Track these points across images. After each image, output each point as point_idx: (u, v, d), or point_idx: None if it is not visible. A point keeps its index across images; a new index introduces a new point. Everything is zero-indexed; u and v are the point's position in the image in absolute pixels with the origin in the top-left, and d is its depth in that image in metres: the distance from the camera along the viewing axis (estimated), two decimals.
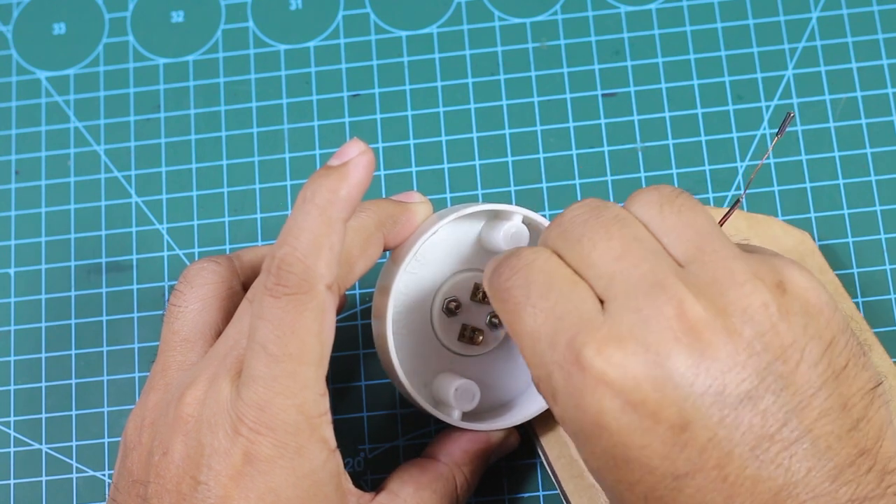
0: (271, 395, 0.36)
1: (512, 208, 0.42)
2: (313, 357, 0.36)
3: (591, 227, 0.36)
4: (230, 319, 0.41)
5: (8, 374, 0.49)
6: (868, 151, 0.50)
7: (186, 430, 0.37)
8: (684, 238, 0.35)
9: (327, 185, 0.36)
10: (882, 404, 0.34)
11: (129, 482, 0.39)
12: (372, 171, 0.37)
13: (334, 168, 0.37)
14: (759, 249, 0.36)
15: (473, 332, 0.43)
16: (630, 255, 0.35)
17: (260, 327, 0.36)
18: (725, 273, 0.34)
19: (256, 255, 0.43)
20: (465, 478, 0.42)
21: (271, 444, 0.36)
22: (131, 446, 0.39)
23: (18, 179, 0.52)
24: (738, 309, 0.33)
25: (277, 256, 0.36)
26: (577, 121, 0.51)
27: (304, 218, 0.36)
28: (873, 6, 0.52)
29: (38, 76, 0.53)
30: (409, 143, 0.51)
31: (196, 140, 0.52)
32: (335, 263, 0.37)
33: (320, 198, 0.36)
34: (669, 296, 0.33)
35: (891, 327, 0.47)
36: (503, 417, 0.43)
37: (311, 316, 0.36)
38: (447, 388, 0.42)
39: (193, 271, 0.42)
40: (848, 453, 0.33)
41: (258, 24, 0.53)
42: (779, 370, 0.33)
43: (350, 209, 0.37)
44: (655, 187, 0.37)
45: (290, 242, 0.36)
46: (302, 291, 0.36)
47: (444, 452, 0.42)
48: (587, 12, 0.52)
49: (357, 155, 0.37)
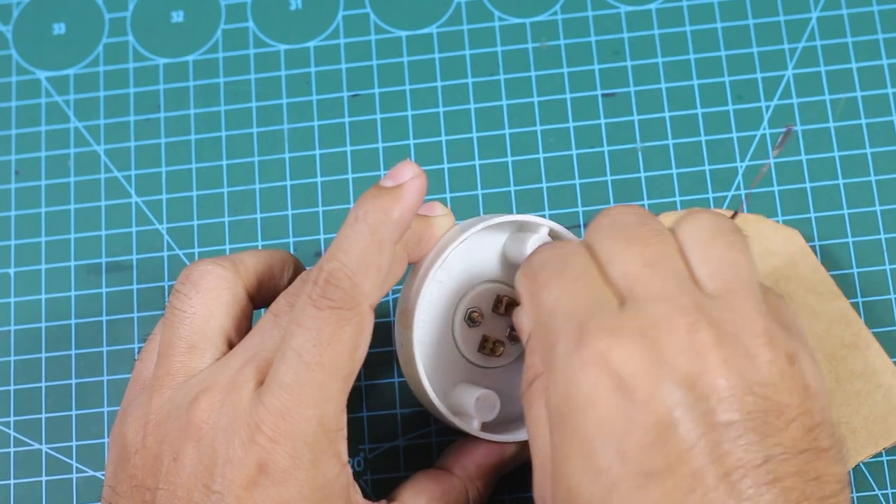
0: (295, 404, 0.36)
1: (539, 220, 0.41)
2: (344, 372, 0.37)
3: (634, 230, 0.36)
4: (237, 326, 0.41)
5: (8, 374, 0.49)
6: (868, 151, 0.50)
7: (199, 436, 0.37)
8: (721, 275, 0.35)
9: (381, 205, 0.37)
10: (845, 501, 0.34)
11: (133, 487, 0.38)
12: (424, 195, 0.38)
13: (388, 189, 0.37)
14: (790, 312, 0.36)
15: (494, 343, 0.43)
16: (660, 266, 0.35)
17: (298, 334, 0.36)
18: (746, 320, 0.34)
19: (260, 261, 0.42)
20: (479, 491, 0.42)
21: (287, 454, 0.36)
22: (133, 449, 0.38)
23: (18, 179, 0.52)
24: (747, 354, 0.34)
25: (326, 270, 0.36)
26: (577, 121, 0.51)
27: (354, 235, 0.37)
28: (873, 6, 0.52)
29: (38, 76, 0.53)
30: (408, 143, 0.51)
31: (196, 140, 0.52)
32: (381, 285, 0.37)
33: (373, 218, 0.37)
34: (686, 312, 0.34)
35: (891, 327, 0.47)
36: (520, 431, 0.42)
37: (351, 332, 0.36)
38: (468, 397, 0.41)
39: (198, 274, 0.41)
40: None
41: (258, 24, 0.53)
42: (771, 421, 0.33)
43: (401, 232, 0.37)
44: (714, 213, 0.37)
45: (340, 258, 0.36)
46: (346, 307, 0.36)
47: (458, 465, 0.42)
48: (587, 12, 0.52)
49: (411, 178, 0.38)
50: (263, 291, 0.42)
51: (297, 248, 0.50)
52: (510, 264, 0.43)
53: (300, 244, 0.50)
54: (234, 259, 0.42)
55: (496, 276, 0.43)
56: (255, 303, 0.42)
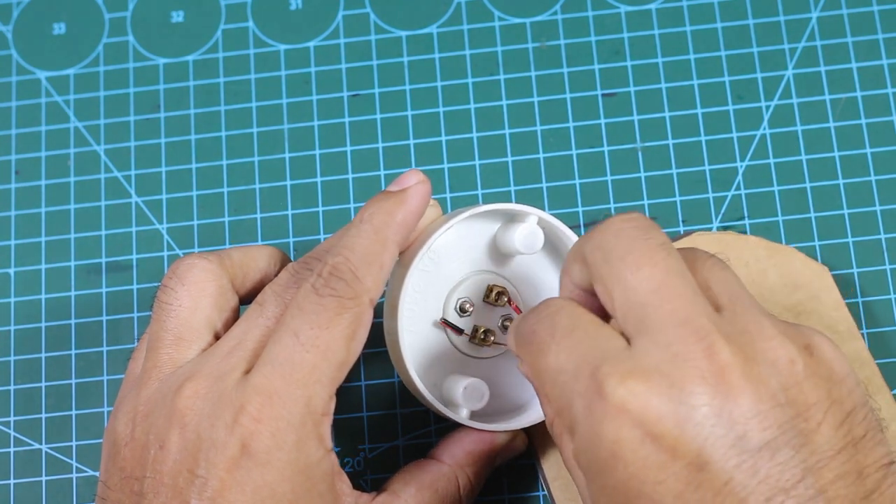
0: (285, 383, 0.36)
1: (527, 209, 0.41)
2: (337, 358, 0.37)
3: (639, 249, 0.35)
4: (223, 318, 0.41)
5: (8, 374, 0.49)
6: (868, 151, 0.50)
7: (184, 422, 0.37)
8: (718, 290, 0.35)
9: (385, 208, 0.39)
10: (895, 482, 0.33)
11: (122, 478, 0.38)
12: (428, 201, 0.40)
13: (393, 193, 0.39)
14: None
15: (485, 333, 0.43)
16: (669, 288, 0.34)
17: (296, 315, 0.37)
18: (756, 326, 0.34)
19: (245, 254, 0.43)
20: (469, 479, 0.42)
21: (270, 433, 0.36)
22: (123, 442, 0.39)
23: (18, 179, 0.52)
24: (767, 360, 0.33)
25: (330, 263, 0.38)
26: (577, 121, 0.51)
27: (359, 235, 0.38)
28: (873, 6, 0.52)
29: (38, 76, 0.53)
30: (408, 143, 0.51)
31: (196, 140, 0.52)
32: (381, 283, 0.38)
33: (378, 220, 0.38)
34: (700, 336, 0.33)
35: (891, 327, 0.47)
36: (511, 420, 0.43)
37: (349, 320, 0.37)
38: (456, 386, 0.42)
39: (184, 267, 0.41)
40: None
41: (258, 24, 0.53)
42: (800, 427, 0.32)
43: (404, 234, 0.39)
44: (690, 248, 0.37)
45: (344, 254, 0.38)
46: (347, 297, 0.37)
47: (447, 454, 0.42)
48: (587, 12, 0.52)
49: (416, 184, 0.39)
50: (250, 285, 0.43)
51: (297, 248, 0.50)
52: (501, 254, 0.43)
53: (300, 244, 0.50)
54: (220, 253, 0.42)
55: (487, 267, 0.43)
56: (241, 296, 0.43)
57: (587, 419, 0.34)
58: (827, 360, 0.34)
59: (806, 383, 0.33)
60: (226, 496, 0.36)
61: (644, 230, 0.35)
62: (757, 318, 0.34)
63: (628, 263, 0.35)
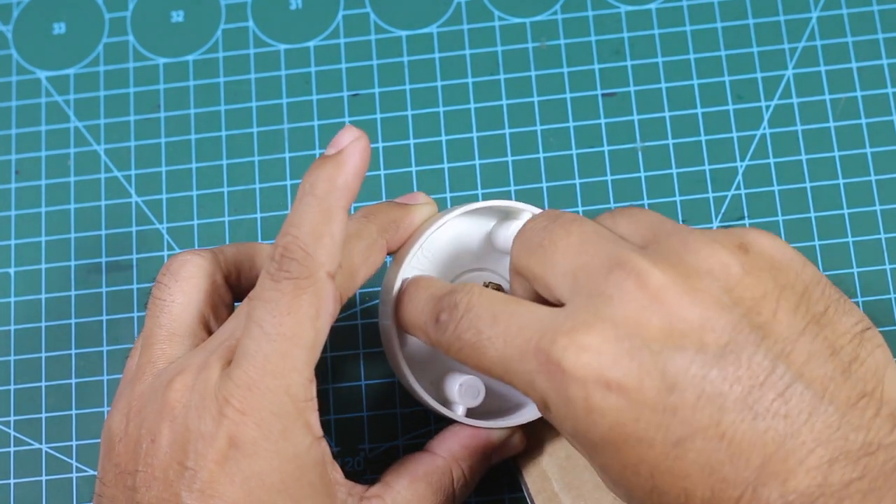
0: (260, 375, 0.36)
1: (521, 206, 0.42)
2: (306, 340, 0.37)
3: (550, 231, 0.37)
4: (216, 313, 0.41)
5: (8, 373, 0.49)
6: (868, 151, 0.50)
7: (174, 416, 0.37)
8: (639, 232, 0.36)
9: (324, 174, 0.37)
10: (875, 347, 0.34)
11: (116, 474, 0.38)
12: (368, 156, 0.38)
13: (330, 157, 0.37)
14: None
15: None
16: (589, 245, 0.35)
17: (258, 307, 0.37)
18: (681, 244, 0.35)
19: (239, 250, 0.43)
20: (463, 473, 0.42)
21: (256, 424, 0.36)
22: (117, 438, 0.39)
23: (18, 179, 0.52)
24: (700, 270, 0.34)
25: (280, 245, 0.37)
26: (577, 120, 0.51)
27: (304, 209, 0.37)
28: (873, 6, 0.52)
29: (38, 76, 0.53)
30: (408, 143, 0.51)
31: (196, 140, 0.52)
32: (336, 252, 0.37)
33: (319, 188, 0.37)
34: (628, 270, 0.34)
35: (891, 327, 0.47)
36: (508, 418, 0.43)
37: (309, 300, 0.37)
38: (452, 384, 0.42)
39: (177, 264, 0.41)
40: (847, 396, 0.32)
41: (258, 23, 0.53)
42: (755, 321, 0.33)
43: (349, 197, 0.38)
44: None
45: (292, 232, 0.37)
46: (302, 276, 0.36)
47: (443, 447, 0.42)
48: (587, 12, 0.52)
49: (352, 142, 0.37)
50: (245, 281, 0.43)
51: None
52: (496, 251, 0.43)
53: None
54: (214, 249, 0.42)
55: (483, 265, 0.43)
56: (235, 292, 0.43)
57: (553, 392, 0.34)
58: (766, 251, 0.34)
59: (747, 279, 0.33)
60: (215, 488, 0.36)
61: (552, 217, 0.37)
62: (683, 237, 0.35)
63: (547, 246, 0.36)
